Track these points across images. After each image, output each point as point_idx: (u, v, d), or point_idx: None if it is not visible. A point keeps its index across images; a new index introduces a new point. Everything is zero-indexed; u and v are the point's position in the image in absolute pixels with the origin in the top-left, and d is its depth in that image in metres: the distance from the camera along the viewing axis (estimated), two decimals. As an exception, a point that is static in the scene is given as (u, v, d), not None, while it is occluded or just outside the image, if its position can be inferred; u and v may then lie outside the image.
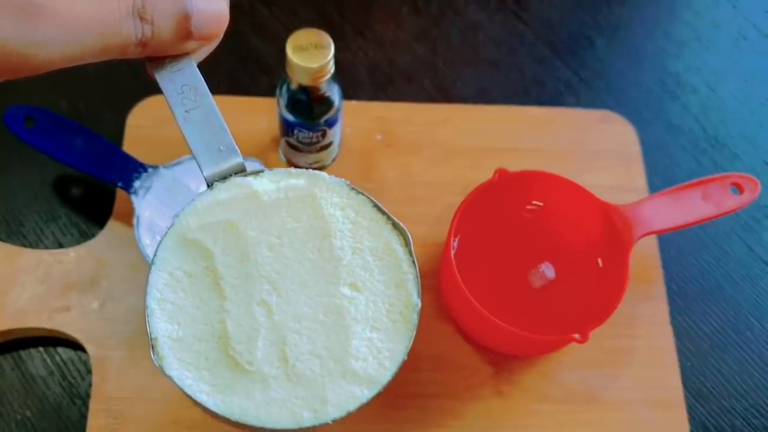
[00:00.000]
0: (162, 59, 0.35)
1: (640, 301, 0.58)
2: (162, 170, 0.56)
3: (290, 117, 0.56)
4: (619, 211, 0.54)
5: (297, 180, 0.37)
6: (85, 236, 0.59)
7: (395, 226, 0.37)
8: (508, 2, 0.74)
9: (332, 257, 0.36)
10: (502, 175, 0.55)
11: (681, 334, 0.58)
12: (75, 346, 0.55)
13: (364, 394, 0.33)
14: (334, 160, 0.62)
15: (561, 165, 0.58)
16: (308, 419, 0.33)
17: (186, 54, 0.35)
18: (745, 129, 0.69)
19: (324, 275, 0.35)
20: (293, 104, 0.56)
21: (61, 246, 0.59)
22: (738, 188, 0.55)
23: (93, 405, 0.52)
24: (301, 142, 0.58)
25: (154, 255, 0.35)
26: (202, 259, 0.35)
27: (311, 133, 0.57)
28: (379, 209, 0.37)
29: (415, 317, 0.35)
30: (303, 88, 0.54)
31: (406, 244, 0.36)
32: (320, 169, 0.61)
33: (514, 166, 0.55)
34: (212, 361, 0.34)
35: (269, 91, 0.61)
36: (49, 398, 0.54)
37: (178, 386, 0.33)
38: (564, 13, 0.74)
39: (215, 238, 0.35)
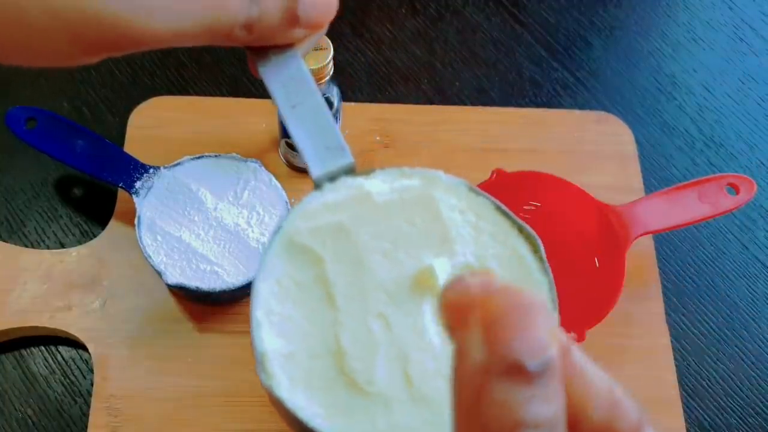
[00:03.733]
0: (266, 51, 0.33)
1: (636, 300, 0.58)
2: (163, 171, 0.57)
3: (289, 118, 0.56)
4: (615, 212, 0.55)
5: (411, 180, 0.34)
6: (86, 236, 0.60)
7: (522, 230, 0.33)
8: (506, 3, 0.74)
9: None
10: (499, 175, 0.55)
11: (677, 333, 0.59)
12: (76, 345, 0.55)
13: None
14: (333, 160, 0.62)
15: (557, 165, 0.59)
16: None
17: (291, 45, 0.34)
18: (740, 129, 0.69)
19: None
20: (292, 105, 0.56)
21: (62, 246, 0.59)
22: (734, 188, 0.56)
23: (94, 403, 0.52)
24: (300, 143, 0.58)
25: (261, 262, 0.31)
26: (312, 267, 0.31)
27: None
28: (503, 212, 0.33)
29: None
30: (302, 90, 0.55)
31: (536, 250, 0.33)
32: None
33: (511, 166, 0.56)
34: (327, 380, 0.29)
35: (269, 93, 0.61)
36: (51, 397, 0.54)
37: (288, 409, 0.28)
38: (561, 14, 0.74)
39: (325, 243, 0.32)
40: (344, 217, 0.32)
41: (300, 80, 0.34)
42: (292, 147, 0.59)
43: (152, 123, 0.63)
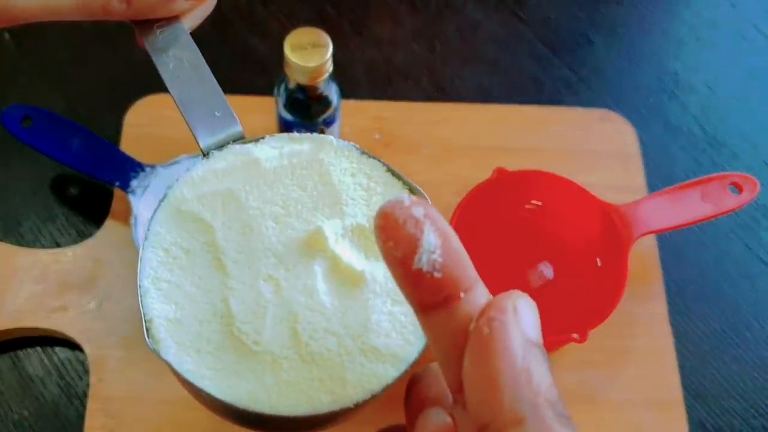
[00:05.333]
0: (150, 24, 0.34)
1: (639, 301, 0.58)
2: (160, 169, 0.56)
3: (288, 116, 0.56)
4: (618, 211, 0.54)
5: (301, 145, 0.34)
6: (82, 236, 0.59)
7: (412, 191, 0.33)
8: (507, 1, 0.74)
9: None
10: (500, 174, 0.55)
11: (680, 334, 0.58)
12: (72, 345, 0.55)
13: (388, 372, 0.29)
14: (332, 159, 0.62)
15: (559, 164, 0.58)
16: (326, 403, 0.29)
17: (176, 18, 0.34)
18: (744, 128, 0.68)
19: None
20: (291, 103, 0.55)
21: (58, 245, 0.59)
22: (737, 188, 0.55)
23: (90, 405, 0.52)
24: (299, 142, 0.58)
25: (147, 230, 0.31)
26: (201, 234, 0.32)
27: (309, 133, 0.56)
28: (394, 173, 0.34)
29: None
30: (301, 87, 0.54)
31: None
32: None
33: (513, 165, 0.55)
34: (215, 343, 0.30)
35: (267, 90, 0.61)
36: (47, 398, 0.54)
37: (176, 372, 0.29)
38: (562, 11, 0.74)
39: (214, 210, 0.32)
40: (233, 184, 0.33)
41: (186, 53, 0.34)
42: (290, 145, 0.59)
43: (148, 121, 0.62)
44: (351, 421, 0.32)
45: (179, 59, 0.34)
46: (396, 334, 0.30)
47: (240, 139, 0.34)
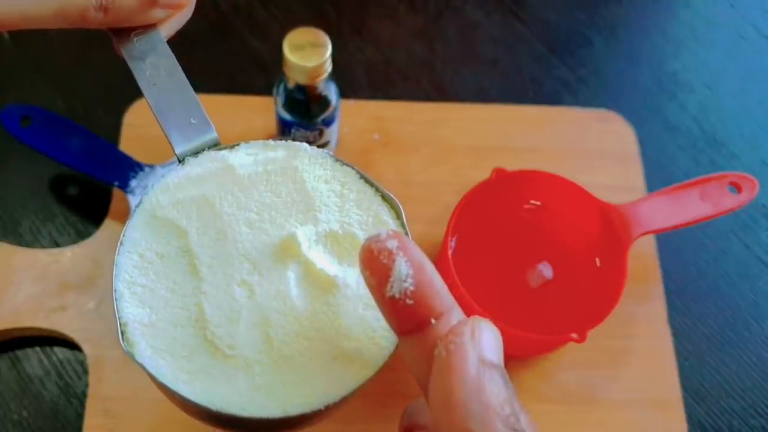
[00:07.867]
0: (128, 32, 0.34)
1: (638, 300, 0.58)
2: (159, 169, 0.56)
3: (287, 116, 0.56)
4: (617, 211, 0.54)
5: (275, 152, 0.35)
6: (81, 236, 0.59)
7: (385, 197, 0.34)
8: (506, 1, 0.74)
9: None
10: (499, 174, 0.55)
11: (679, 334, 0.58)
12: (71, 345, 0.55)
13: (359, 375, 0.30)
14: (331, 159, 0.62)
15: (559, 164, 0.58)
16: (298, 405, 0.29)
17: (153, 26, 0.34)
18: (743, 128, 0.68)
19: None
20: (290, 103, 0.55)
21: (57, 245, 0.59)
22: (736, 188, 0.55)
23: (89, 405, 0.52)
24: (298, 142, 0.58)
25: (122, 235, 0.32)
26: (176, 239, 0.32)
27: (308, 133, 0.56)
28: (367, 181, 0.34)
29: None
30: (300, 87, 0.54)
31: (398, 216, 0.34)
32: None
33: (512, 165, 0.55)
34: (189, 347, 0.30)
35: (266, 90, 0.61)
36: (46, 398, 0.54)
37: (151, 375, 0.30)
38: (562, 12, 0.74)
39: (189, 215, 0.33)
40: (207, 190, 0.33)
41: (163, 61, 0.35)
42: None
43: (148, 121, 0.61)
44: (331, 421, 0.32)
45: (156, 67, 0.35)
46: (366, 338, 0.31)
47: (215, 145, 0.34)
